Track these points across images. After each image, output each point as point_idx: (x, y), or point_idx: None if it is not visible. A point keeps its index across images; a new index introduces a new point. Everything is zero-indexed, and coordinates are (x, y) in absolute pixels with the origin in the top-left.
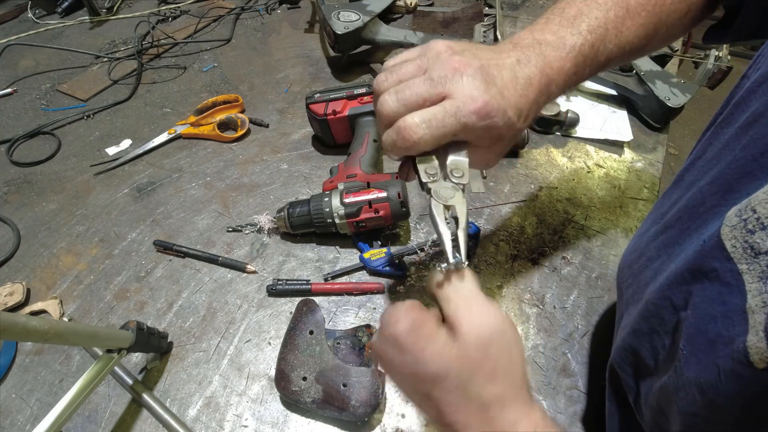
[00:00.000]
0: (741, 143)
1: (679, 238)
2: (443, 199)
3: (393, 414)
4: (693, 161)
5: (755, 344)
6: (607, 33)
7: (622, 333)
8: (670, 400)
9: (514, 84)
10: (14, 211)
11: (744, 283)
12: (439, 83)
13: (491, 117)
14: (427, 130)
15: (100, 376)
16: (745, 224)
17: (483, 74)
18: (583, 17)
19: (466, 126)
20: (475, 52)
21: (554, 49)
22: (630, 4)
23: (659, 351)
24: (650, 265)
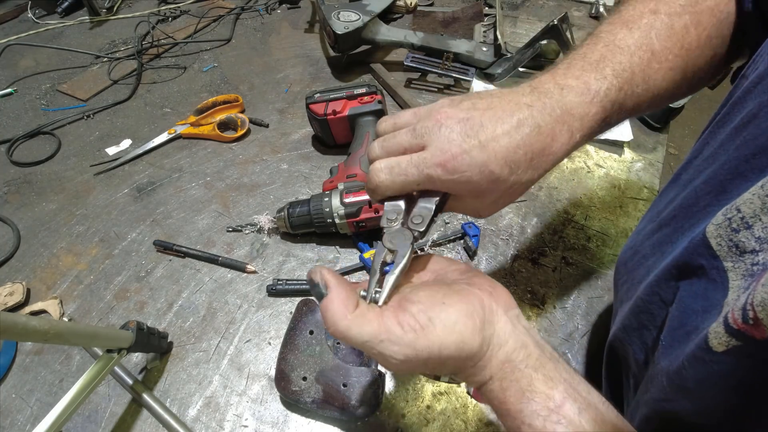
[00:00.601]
0: (735, 144)
1: (673, 236)
2: (389, 244)
3: (393, 414)
4: (690, 160)
5: (714, 329)
6: (634, 77)
7: (614, 329)
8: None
9: (510, 134)
10: (14, 211)
11: (728, 280)
12: (419, 134)
13: (460, 171)
14: (388, 176)
15: (100, 376)
16: (729, 223)
17: (464, 126)
18: (607, 61)
19: (430, 177)
20: (476, 101)
21: (577, 94)
22: (655, 49)
23: (649, 345)
24: (644, 263)
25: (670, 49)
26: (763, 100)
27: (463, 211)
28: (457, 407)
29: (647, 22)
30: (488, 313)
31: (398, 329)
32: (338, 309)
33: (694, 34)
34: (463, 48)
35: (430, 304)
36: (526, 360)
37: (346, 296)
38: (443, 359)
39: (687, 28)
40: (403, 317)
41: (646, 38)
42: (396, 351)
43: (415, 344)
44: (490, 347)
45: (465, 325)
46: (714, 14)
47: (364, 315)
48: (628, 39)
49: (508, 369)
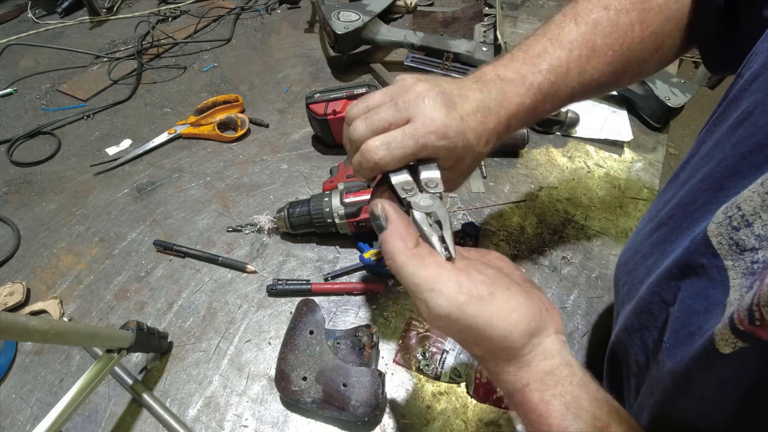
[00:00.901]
0: (731, 141)
1: (672, 235)
2: (423, 208)
3: (393, 414)
4: (688, 159)
5: (720, 330)
6: (569, 72)
7: (616, 330)
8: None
9: (474, 112)
10: (14, 211)
11: (729, 278)
12: (404, 108)
13: (449, 137)
14: (387, 151)
15: (100, 376)
16: (730, 221)
17: (445, 98)
18: (546, 56)
19: (425, 146)
20: (439, 82)
21: (514, 86)
22: (596, 44)
23: (650, 346)
24: (644, 263)
25: (611, 46)
26: (759, 98)
27: None
28: (457, 407)
29: (595, 18)
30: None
31: (454, 286)
32: (397, 243)
33: (638, 31)
34: (463, 48)
35: (496, 283)
36: (570, 377)
37: (405, 231)
38: (483, 338)
39: (632, 25)
40: (464, 279)
41: (590, 34)
42: (442, 306)
43: (464, 308)
44: (533, 354)
45: (519, 319)
46: (662, 11)
47: (424, 258)
48: (572, 34)
49: (551, 382)
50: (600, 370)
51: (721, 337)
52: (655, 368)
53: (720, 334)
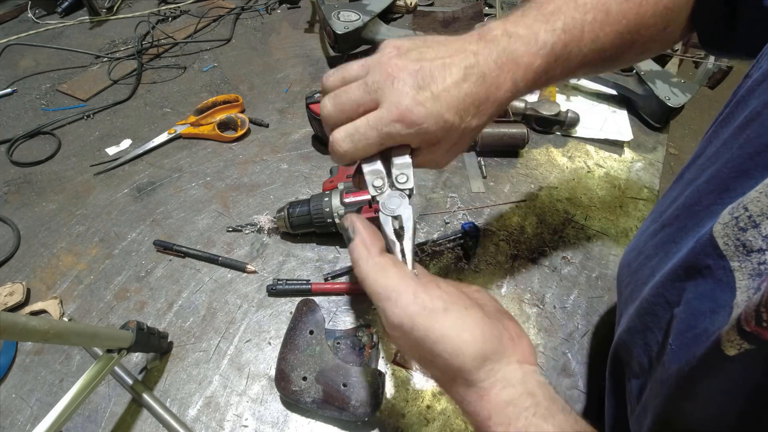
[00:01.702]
0: (738, 142)
1: (676, 236)
2: (390, 211)
3: (393, 414)
4: (693, 159)
5: (726, 332)
6: (583, 35)
7: (619, 331)
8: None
9: (459, 84)
10: (14, 211)
11: (735, 280)
12: (372, 89)
13: (418, 124)
14: (351, 144)
15: (100, 376)
16: (737, 222)
17: (416, 78)
18: (560, 15)
19: (390, 135)
20: (423, 51)
21: (525, 44)
22: (611, 10)
23: (652, 348)
24: (648, 263)
25: (625, 14)
26: (767, 99)
27: (422, 165)
28: (457, 407)
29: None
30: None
31: (410, 297)
32: (362, 251)
33: (651, 2)
34: None
35: (453, 301)
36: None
37: (370, 240)
38: (433, 354)
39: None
40: (421, 292)
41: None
42: (396, 314)
43: (416, 320)
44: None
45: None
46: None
47: (386, 267)
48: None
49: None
50: (600, 371)
51: (727, 339)
52: (659, 370)
53: (726, 336)
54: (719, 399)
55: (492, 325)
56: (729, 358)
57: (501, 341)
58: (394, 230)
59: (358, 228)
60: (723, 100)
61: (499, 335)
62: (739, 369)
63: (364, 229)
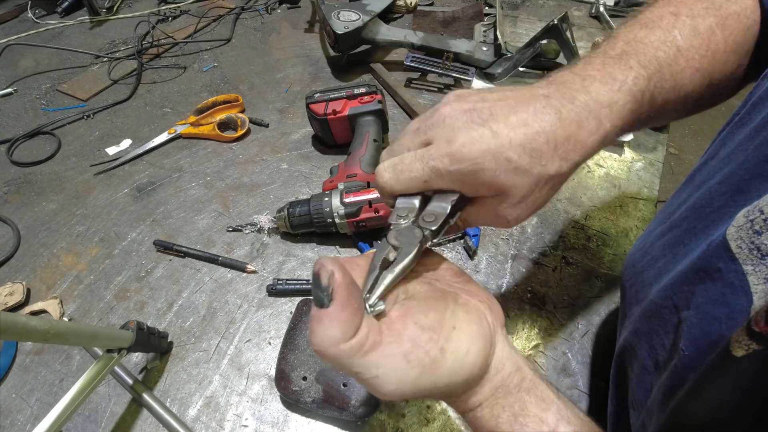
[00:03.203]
0: (754, 143)
1: (685, 237)
2: (395, 241)
3: (393, 414)
4: (705, 161)
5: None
6: (661, 69)
7: (624, 333)
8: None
9: (527, 122)
10: (14, 211)
11: (749, 284)
12: (423, 131)
13: (470, 158)
14: (392, 174)
15: (100, 376)
16: (752, 225)
17: (470, 115)
18: (630, 55)
19: (437, 170)
20: (485, 94)
21: (602, 83)
22: (680, 46)
23: (658, 351)
24: (654, 265)
25: (696, 49)
26: None
27: (486, 220)
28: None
29: (668, 23)
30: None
31: (402, 363)
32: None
33: (720, 37)
34: (463, 48)
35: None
36: (519, 384)
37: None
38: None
39: (713, 30)
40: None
41: (669, 35)
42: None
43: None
44: (488, 373)
45: (477, 355)
46: (740, 20)
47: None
48: (650, 36)
49: (501, 394)
50: (600, 371)
51: (736, 340)
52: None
53: (735, 337)
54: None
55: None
56: (736, 359)
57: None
58: (384, 258)
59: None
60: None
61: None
62: (745, 370)
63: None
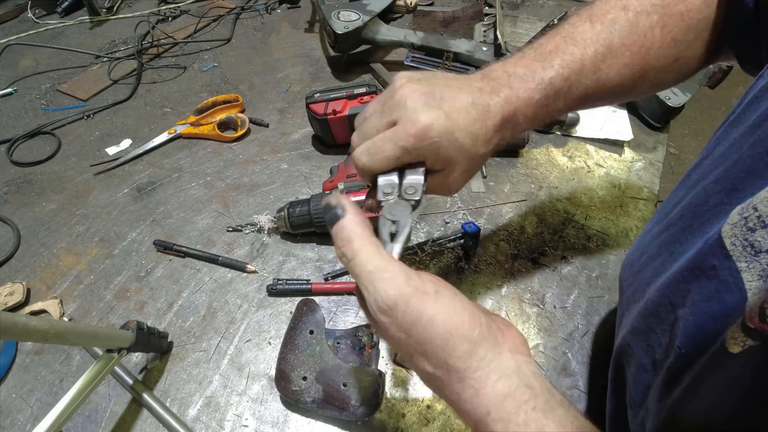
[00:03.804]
0: (749, 142)
1: (681, 236)
2: (391, 216)
3: (393, 414)
4: (701, 160)
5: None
6: (583, 69)
7: (622, 332)
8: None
9: (467, 109)
10: (14, 211)
11: (743, 281)
12: (387, 113)
13: (431, 138)
14: (369, 157)
15: (100, 375)
16: (746, 222)
17: (428, 98)
18: (559, 52)
19: (405, 149)
20: (432, 80)
21: (522, 81)
22: (613, 44)
23: (655, 349)
24: (651, 264)
25: (628, 47)
26: None
27: (434, 190)
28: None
29: (612, 18)
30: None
31: (403, 278)
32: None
33: (658, 35)
34: (463, 47)
35: (443, 285)
36: (533, 401)
37: (362, 220)
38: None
39: (652, 28)
40: (413, 275)
41: (606, 33)
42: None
43: (410, 300)
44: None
45: (461, 322)
46: (683, 19)
47: (379, 248)
48: (587, 33)
49: (512, 408)
50: (601, 371)
51: (732, 337)
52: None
53: (731, 334)
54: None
55: (480, 312)
56: (733, 356)
57: (490, 329)
58: (390, 233)
59: (348, 207)
60: (723, 100)
61: (488, 323)
62: (742, 366)
63: (354, 209)
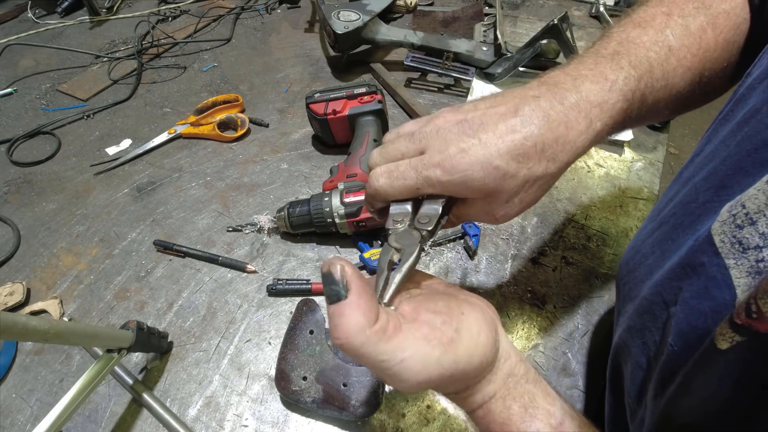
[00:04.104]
0: (736, 139)
1: (673, 233)
2: (397, 244)
3: (393, 414)
4: (692, 158)
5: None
6: (653, 69)
7: (619, 330)
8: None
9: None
10: (14, 211)
11: (731, 278)
12: (418, 140)
13: (460, 170)
14: (387, 180)
15: (100, 375)
16: (734, 219)
17: (462, 127)
18: (622, 55)
19: (429, 179)
20: (477, 103)
21: (593, 82)
22: (672, 45)
23: (650, 347)
24: (645, 262)
25: (688, 48)
26: (766, 96)
27: (476, 218)
28: (458, 407)
29: (661, 22)
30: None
31: (424, 344)
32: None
33: (711, 35)
34: (463, 47)
35: (451, 313)
36: (526, 374)
37: (368, 306)
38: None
39: (704, 29)
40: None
41: (661, 35)
42: (419, 372)
43: (442, 361)
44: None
45: (487, 336)
46: (730, 18)
47: (385, 330)
48: (642, 36)
49: (512, 384)
50: (601, 371)
51: (720, 333)
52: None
53: (719, 330)
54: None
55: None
56: (721, 351)
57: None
58: (390, 260)
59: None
60: (723, 100)
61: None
62: (731, 362)
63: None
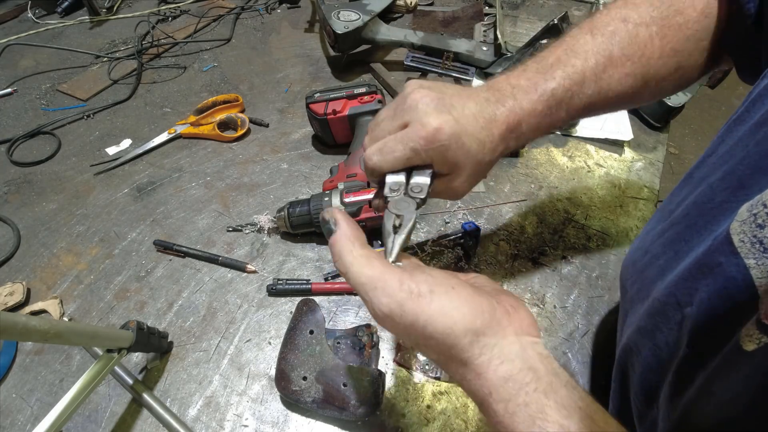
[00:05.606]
0: (755, 139)
1: (686, 234)
2: (396, 210)
3: (393, 414)
4: (704, 159)
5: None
6: (585, 80)
7: (628, 331)
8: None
9: (475, 116)
10: (14, 211)
11: (752, 278)
12: (399, 116)
13: (440, 140)
14: (380, 156)
15: (100, 375)
16: (755, 219)
17: (439, 103)
18: (560, 65)
19: (415, 150)
20: (442, 87)
21: (525, 92)
22: (614, 54)
23: (662, 349)
24: (655, 262)
25: (629, 57)
26: None
27: (440, 194)
28: (458, 407)
29: (612, 30)
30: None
31: (396, 284)
32: (345, 244)
33: (657, 45)
34: (463, 47)
35: (439, 283)
36: (534, 383)
37: (353, 234)
38: (426, 336)
39: (651, 39)
40: (406, 278)
41: (607, 44)
42: (384, 303)
43: (405, 306)
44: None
45: (460, 316)
46: (682, 30)
47: (370, 259)
48: (588, 44)
49: (513, 390)
50: (601, 371)
51: (746, 334)
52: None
53: (745, 331)
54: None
55: (482, 300)
56: (747, 353)
57: (493, 315)
58: (393, 225)
59: (340, 221)
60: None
61: (491, 309)
62: (757, 363)
63: (347, 223)
